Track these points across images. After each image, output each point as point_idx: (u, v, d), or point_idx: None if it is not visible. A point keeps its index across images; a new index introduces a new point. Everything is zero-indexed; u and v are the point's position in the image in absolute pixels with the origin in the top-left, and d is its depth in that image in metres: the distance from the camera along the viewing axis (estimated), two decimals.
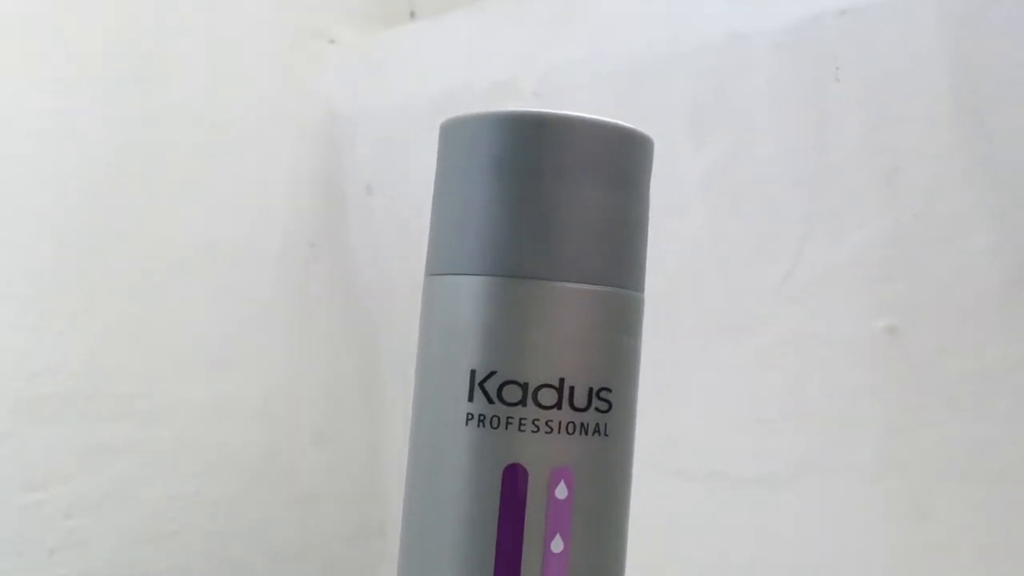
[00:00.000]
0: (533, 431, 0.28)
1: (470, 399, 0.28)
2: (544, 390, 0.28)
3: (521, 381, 0.28)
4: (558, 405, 0.28)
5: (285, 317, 0.76)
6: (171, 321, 0.69)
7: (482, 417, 0.28)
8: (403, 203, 0.78)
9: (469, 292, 0.29)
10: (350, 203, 0.81)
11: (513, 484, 0.28)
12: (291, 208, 0.78)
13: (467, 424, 0.28)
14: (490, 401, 0.28)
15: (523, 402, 0.28)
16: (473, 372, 0.28)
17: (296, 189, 0.78)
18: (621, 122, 0.30)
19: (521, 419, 0.28)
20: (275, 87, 0.77)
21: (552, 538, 0.28)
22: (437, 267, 0.30)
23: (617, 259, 0.29)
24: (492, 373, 0.28)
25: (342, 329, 0.80)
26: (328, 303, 0.79)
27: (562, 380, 0.28)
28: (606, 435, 0.29)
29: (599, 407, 0.29)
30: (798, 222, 0.59)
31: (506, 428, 0.28)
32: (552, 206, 0.28)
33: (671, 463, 0.65)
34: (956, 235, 0.53)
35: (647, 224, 0.31)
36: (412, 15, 0.87)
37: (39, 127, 0.63)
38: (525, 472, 0.28)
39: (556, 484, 0.28)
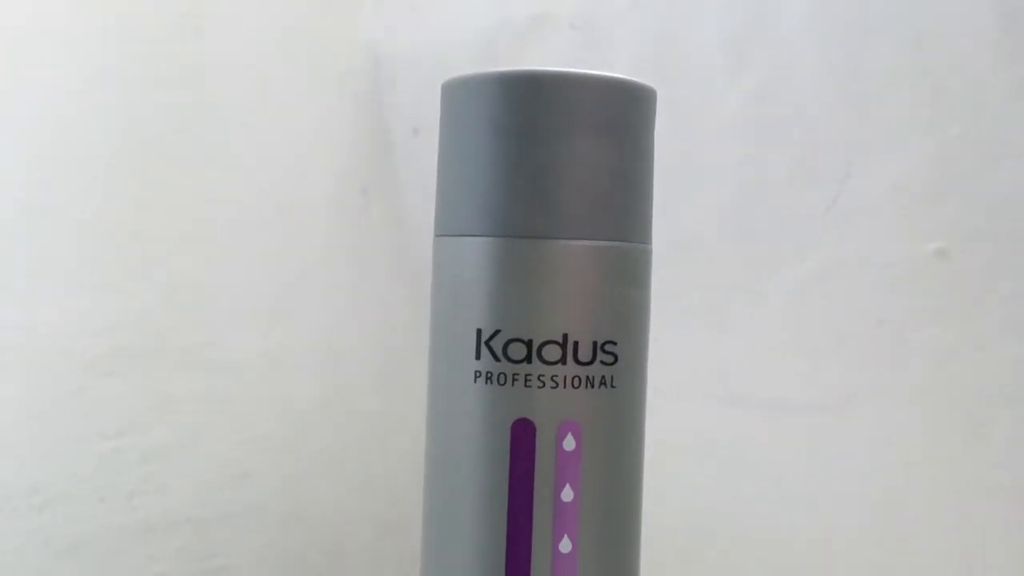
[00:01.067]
0: (539, 386, 0.29)
1: (477, 357, 0.29)
2: (548, 346, 0.29)
3: (525, 338, 0.29)
4: (562, 360, 0.29)
5: (341, 264, 0.78)
6: (230, 273, 0.71)
7: (489, 375, 0.29)
8: None
9: (472, 253, 0.29)
10: (398, 146, 0.82)
11: (521, 438, 0.29)
12: (341, 155, 0.79)
13: (475, 382, 0.29)
14: (496, 359, 0.29)
15: (528, 359, 0.29)
16: (479, 331, 0.29)
17: (344, 136, 0.79)
18: (618, 75, 0.30)
19: (527, 375, 0.29)
20: (317, 34, 0.78)
21: (562, 488, 0.29)
22: (443, 228, 0.31)
23: (618, 213, 0.30)
24: (497, 332, 0.29)
25: (397, 273, 0.81)
26: (382, 248, 0.81)
27: (565, 336, 0.29)
28: (613, 387, 0.29)
29: (604, 360, 0.29)
30: (842, 147, 0.58)
31: (512, 384, 0.29)
32: (549, 165, 0.29)
33: (719, 393, 0.66)
34: (1004, 154, 0.52)
35: (651, 176, 0.31)
36: None
37: (87, 88, 0.65)
38: (533, 426, 0.29)
39: (564, 437, 0.29)
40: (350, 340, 0.78)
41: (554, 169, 0.29)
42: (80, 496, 0.63)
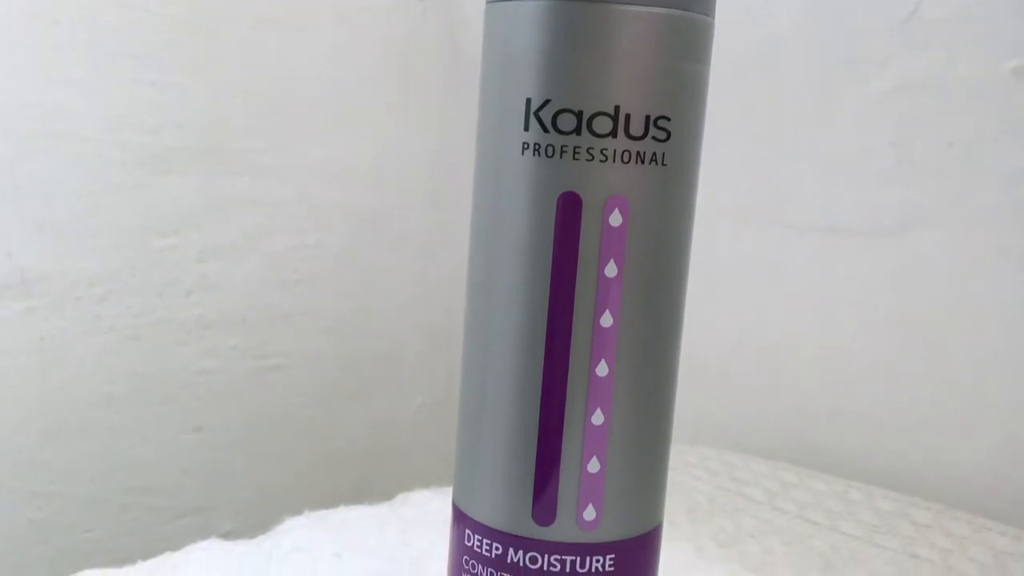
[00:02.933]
0: (588, 160, 0.28)
1: (525, 128, 0.28)
2: (598, 118, 0.28)
3: (575, 109, 0.28)
4: (613, 133, 0.28)
5: (396, 76, 0.77)
6: (286, 80, 0.70)
7: (537, 146, 0.28)
8: None
9: (524, 19, 0.28)
10: None
11: (567, 211, 0.28)
12: None
13: (523, 153, 0.28)
14: (545, 130, 0.28)
15: (577, 131, 0.28)
16: (528, 101, 0.28)
17: None
18: None
19: (575, 147, 0.28)
20: None
21: (606, 264, 0.28)
22: None
23: None
24: (547, 102, 0.28)
25: (453, 87, 0.80)
26: (437, 60, 0.79)
27: (617, 108, 0.28)
28: (664, 164, 0.29)
29: (656, 136, 0.28)
30: None
31: (560, 157, 0.28)
32: None
33: (783, 215, 0.64)
34: None
35: None
36: None
37: None
38: (579, 199, 0.28)
39: (610, 212, 0.28)
40: (402, 155, 0.78)
41: None
42: (139, 289, 0.65)
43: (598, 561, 0.30)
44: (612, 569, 0.30)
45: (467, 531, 0.31)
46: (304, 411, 0.73)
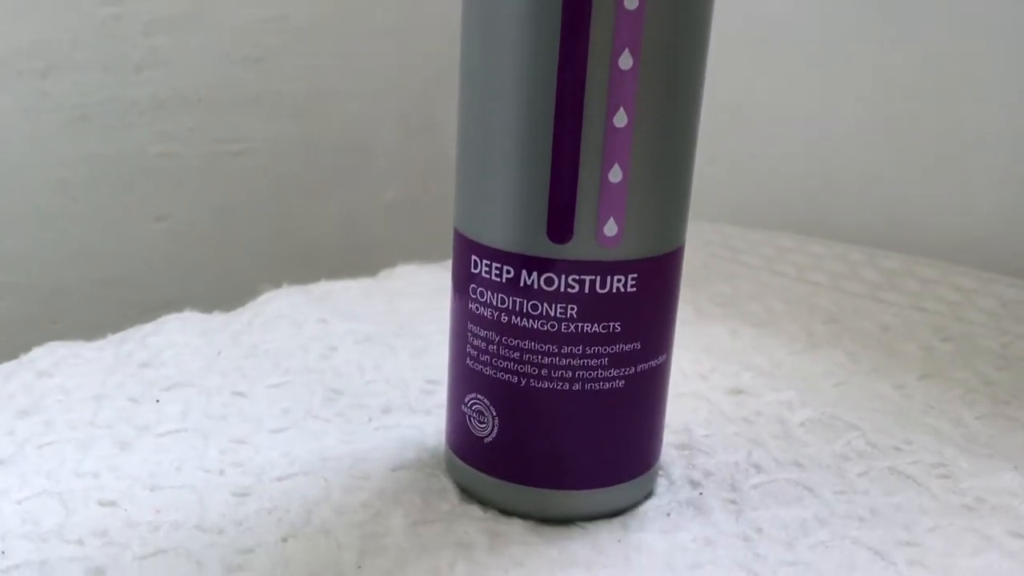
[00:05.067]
0: None
1: None
2: None
3: None
4: None
5: None
6: None
7: None
8: None
9: None
10: None
11: None
12: None
13: None
14: None
15: None
16: None
17: None
18: None
19: None
20: None
21: None
22: None
23: None
24: None
25: None
26: None
27: None
28: None
29: None
30: None
31: None
32: None
33: None
34: None
35: None
36: None
37: None
38: None
39: None
40: None
41: None
42: (84, 64, 0.59)
43: (619, 281, 0.28)
44: (634, 290, 0.28)
45: (474, 257, 0.28)
46: (272, 201, 0.69)
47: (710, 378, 0.39)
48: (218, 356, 0.39)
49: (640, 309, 0.28)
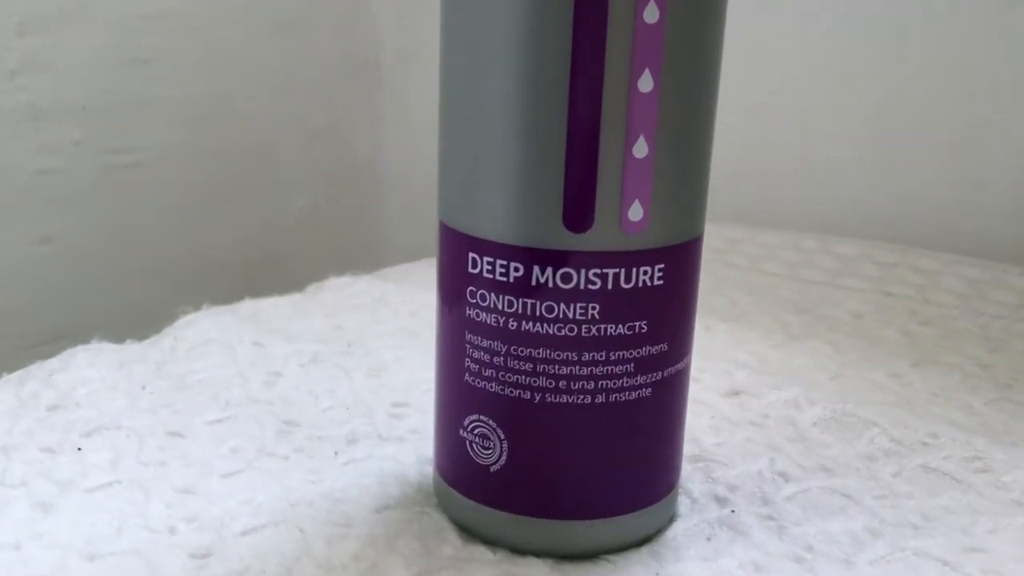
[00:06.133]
0: None
1: None
2: None
3: None
4: None
5: None
6: None
7: None
8: None
9: None
10: None
11: None
12: None
13: None
14: None
15: None
16: None
17: None
18: None
19: None
20: None
21: None
22: None
23: None
24: None
25: None
26: None
27: None
28: None
29: None
30: None
31: None
32: None
33: None
34: None
35: None
36: None
37: None
38: None
39: None
40: None
41: None
42: None
43: (646, 273, 0.24)
44: (662, 283, 0.24)
45: (471, 255, 0.24)
46: (169, 217, 0.63)
47: (701, 379, 0.35)
48: (143, 391, 0.34)
49: (667, 305, 0.24)
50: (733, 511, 0.27)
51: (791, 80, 0.57)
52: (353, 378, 0.35)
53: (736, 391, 0.35)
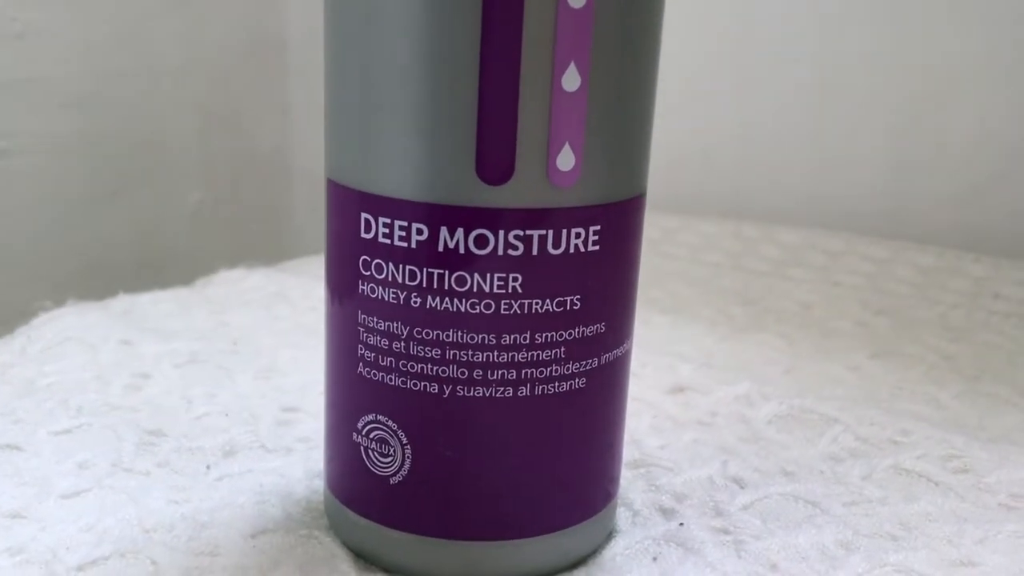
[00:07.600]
0: None
1: None
2: None
3: None
4: None
5: None
6: None
7: None
8: None
9: None
10: None
11: None
12: None
13: None
14: None
15: None
16: None
17: None
18: None
19: None
20: None
21: None
22: None
23: None
24: None
25: None
26: None
27: None
28: None
29: None
30: None
31: None
32: None
33: None
34: None
35: None
36: None
37: None
38: None
39: None
40: None
41: None
42: None
43: (579, 236, 0.19)
44: (598, 248, 0.20)
45: (364, 216, 0.19)
46: (48, 212, 0.57)
47: (642, 375, 0.31)
48: None
49: (605, 276, 0.20)
50: (682, 524, 0.23)
51: (729, 60, 0.53)
52: (237, 381, 0.30)
53: (680, 387, 0.31)
